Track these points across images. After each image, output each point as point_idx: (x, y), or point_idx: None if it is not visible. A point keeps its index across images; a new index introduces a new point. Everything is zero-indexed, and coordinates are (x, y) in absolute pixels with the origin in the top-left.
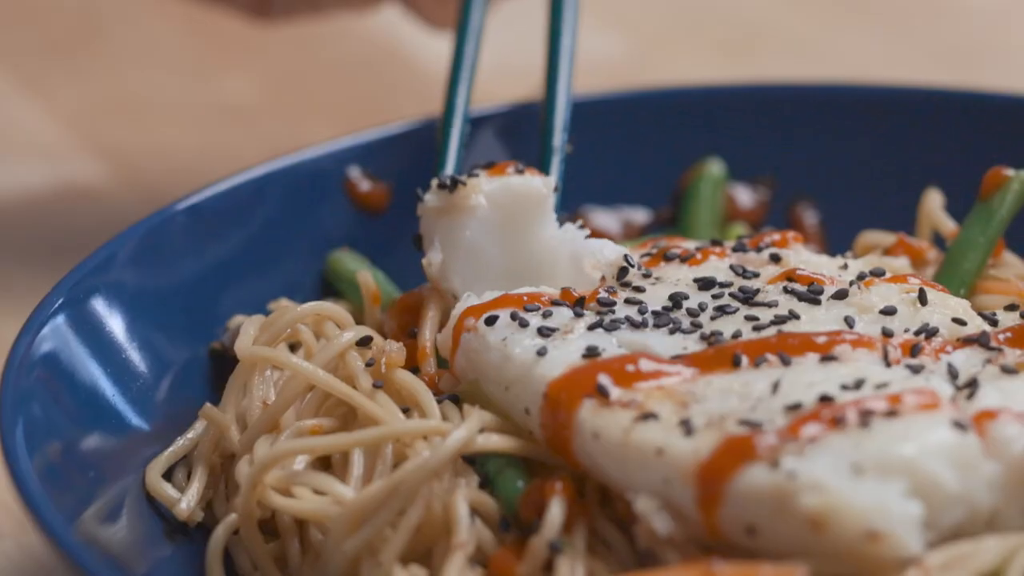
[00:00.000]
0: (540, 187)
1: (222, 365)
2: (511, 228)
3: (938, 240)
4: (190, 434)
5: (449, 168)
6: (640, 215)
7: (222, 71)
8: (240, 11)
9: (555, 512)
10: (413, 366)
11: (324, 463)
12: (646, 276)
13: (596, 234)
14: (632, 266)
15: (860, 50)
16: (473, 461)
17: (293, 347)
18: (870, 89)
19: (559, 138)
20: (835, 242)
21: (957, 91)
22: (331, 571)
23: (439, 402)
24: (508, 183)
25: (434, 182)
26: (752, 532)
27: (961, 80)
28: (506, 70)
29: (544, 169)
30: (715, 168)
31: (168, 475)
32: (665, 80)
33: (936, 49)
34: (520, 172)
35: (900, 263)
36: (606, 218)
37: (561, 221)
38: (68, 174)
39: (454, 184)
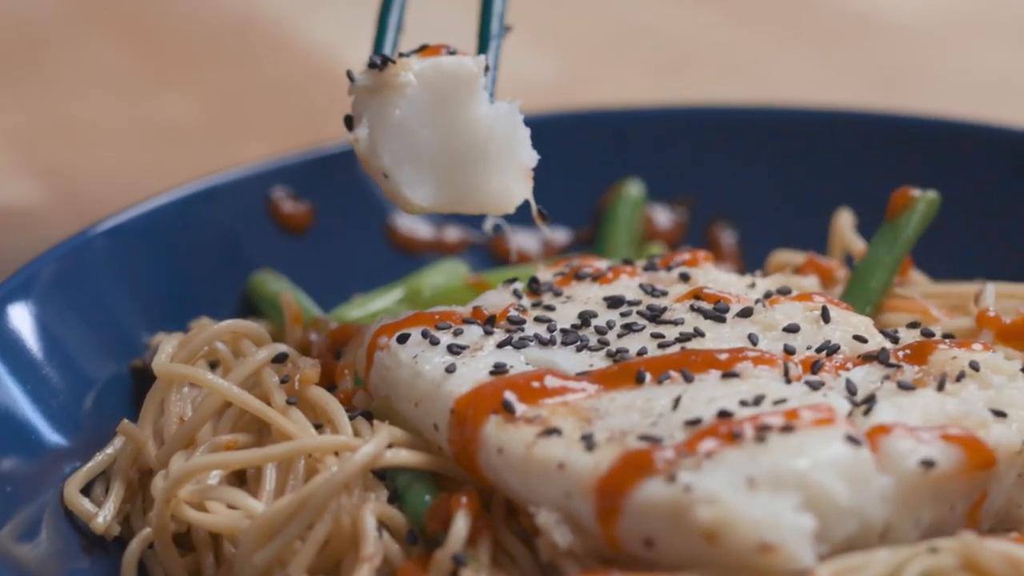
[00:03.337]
0: (471, 66)
1: (144, 382)
2: (443, 107)
3: (849, 259)
4: (109, 449)
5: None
6: (560, 235)
7: (160, 92)
8: None
9: (460, 525)
10: (331, 383)
11: (240, 478)
12: (557, 295)
13: (522, 257)
14: (539, 283)
15: (794, 72)
16: (384, 476)
17: (214, 364)
18: (784, 111)
19: (496, 25)
20: (752, 262)
21: (869, 113)
22: None
23: (352, 418)
24: (439, 62)
25: (365, 62)
26: (650, 544)
27: (893, 102)
28: None
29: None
30: (634, 189)
31: (88, 491)
32: (595, 101)
33: (869, 72)
34: (452, 54)
35: (809, 282)
36: (527, 238)
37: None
38: (6, 195)
39: (384, 63)
